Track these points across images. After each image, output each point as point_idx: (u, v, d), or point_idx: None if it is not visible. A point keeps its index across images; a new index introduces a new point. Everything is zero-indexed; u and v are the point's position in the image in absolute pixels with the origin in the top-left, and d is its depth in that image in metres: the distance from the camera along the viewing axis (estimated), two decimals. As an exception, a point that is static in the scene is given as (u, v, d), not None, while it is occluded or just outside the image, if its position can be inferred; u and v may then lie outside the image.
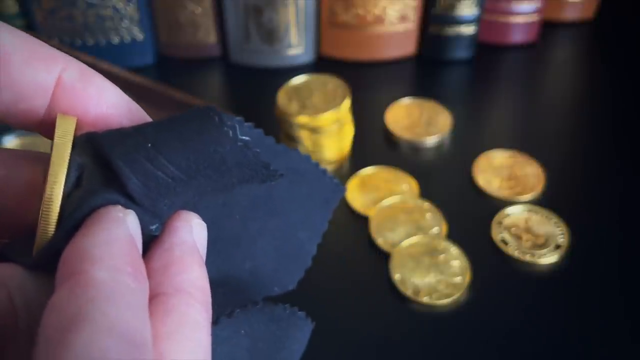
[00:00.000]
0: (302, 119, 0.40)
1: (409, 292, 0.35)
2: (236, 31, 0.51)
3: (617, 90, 0.51)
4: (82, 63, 0.16)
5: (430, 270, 0.36)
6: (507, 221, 0.39)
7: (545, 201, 0.41)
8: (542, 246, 0.38)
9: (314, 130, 0.40)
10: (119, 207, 0.15)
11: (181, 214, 0.16)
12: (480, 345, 0.33)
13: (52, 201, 0.15)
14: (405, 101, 0.48)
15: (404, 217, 0.39)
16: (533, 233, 0.38)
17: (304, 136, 0.40)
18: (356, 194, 0.41)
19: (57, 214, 0.15)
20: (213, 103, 0.45)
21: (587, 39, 0.57)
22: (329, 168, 0.43)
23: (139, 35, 0.50)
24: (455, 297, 0.35)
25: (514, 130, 0.48)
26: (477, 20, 0.51)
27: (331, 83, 0.41)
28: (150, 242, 0.16)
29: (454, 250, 0.37)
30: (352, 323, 0.34)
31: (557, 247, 0.37)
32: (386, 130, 0.46)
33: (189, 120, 0.15)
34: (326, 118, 0.40)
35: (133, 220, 0.15)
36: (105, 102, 0.16)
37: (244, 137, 0.16)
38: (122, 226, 0.15)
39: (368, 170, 0.43)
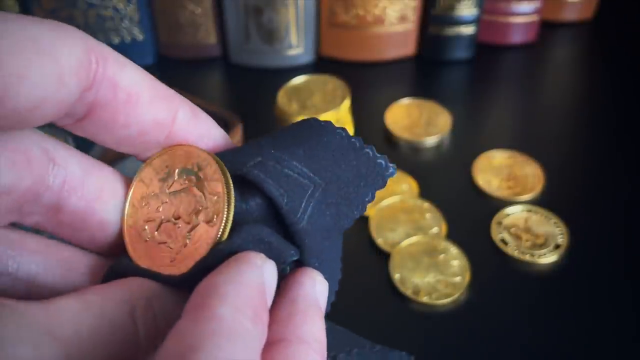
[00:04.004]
0: (302, 119, 0.40)
1: (408, 292, 0.35)
2: (236, 31, 0.51)
3: (616, 90, 0.51)
4: (190, 102, 0.18)
5: (430, 270, 0.36)
6: (506, 221, 0.39)
7: (545, 201, 0.41)
8: (541, 246, 0.38)
9: (314, 130, 0.40)
10: (261, 255, 0.16)
11: (306, 271, 0.18)
12: (480, 344, 0.33)
13: (225, 224, 0.17)
14: (405, 101, 0.48)
15: (403, 217, 0.39)
16: (532, 233, 0.38)
17: (304, 136, 0.41)
18: (356, 194, 0.41)
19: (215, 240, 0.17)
20: (213, 103, 0.45)
21: (586, 39, 0.57)
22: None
23: (139, 36, 0.51)
24: (454, 296, 0.35)
25: (514, 130, 0.48)
26: (477, 21, 0.52)
27: (331, 83, 0.41)
28: (279, 280, 0.17)
29: (453, 250, 0.37)
30: (352, 323, 0.34)
31: (557, 246, 0.38)
32: (386, 130, 0.46)
33: (317, 133, 0.18)
34: (326, 118, 0.40)
35: (270, 269, 0.16)
36: (213, 137, 0.18)
37: (368, 146, 0.18)
38: (256, 272, 0.16)
39: (368, 170, 0.43)
